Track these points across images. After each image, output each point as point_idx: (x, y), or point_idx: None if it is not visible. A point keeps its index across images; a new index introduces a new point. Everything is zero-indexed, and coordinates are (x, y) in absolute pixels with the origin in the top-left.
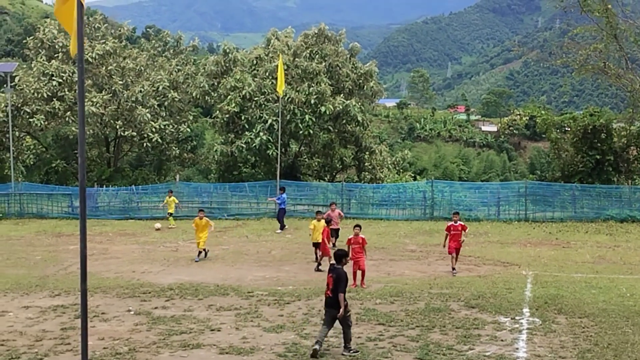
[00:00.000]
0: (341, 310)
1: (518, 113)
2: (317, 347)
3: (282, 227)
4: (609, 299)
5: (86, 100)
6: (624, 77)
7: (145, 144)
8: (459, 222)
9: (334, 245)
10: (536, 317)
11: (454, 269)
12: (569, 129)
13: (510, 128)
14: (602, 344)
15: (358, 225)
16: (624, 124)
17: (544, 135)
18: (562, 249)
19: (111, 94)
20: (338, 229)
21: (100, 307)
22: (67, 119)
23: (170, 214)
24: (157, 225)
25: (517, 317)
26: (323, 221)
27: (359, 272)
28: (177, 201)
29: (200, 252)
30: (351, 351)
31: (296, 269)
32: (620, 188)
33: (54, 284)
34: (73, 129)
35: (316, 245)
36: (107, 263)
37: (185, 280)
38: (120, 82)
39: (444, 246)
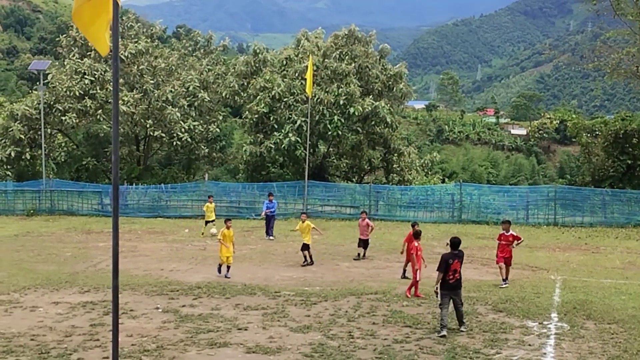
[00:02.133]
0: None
1: (548, 117)
2: (445, 332)
3: (269, 234)
4: (639, 305)
5: None
6: None
7: (174, 143)
8: (510, 232)
9: (362, 256)
10: (564, 322)
11: (504, 280)
12: (600, 134)
13: (540, 132)
14: (631, 350)
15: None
16: None
17: (574, 140)
18: (592, 254)
19: (142, 93)
20: (367, 240)
21: (129, 304)
22: (98, 117)
23: (208, 222)
24: (213, 230)
25: (545, 322)
26: (308, 221)
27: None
28: (214, 208)
29: (229, 267)
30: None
31: (323, 270)
32: None
33: (83, 281)
34: (104, 127)
35: (306, 246)
36: (136, 261)
37: (213, 279)
38: (152, 82)
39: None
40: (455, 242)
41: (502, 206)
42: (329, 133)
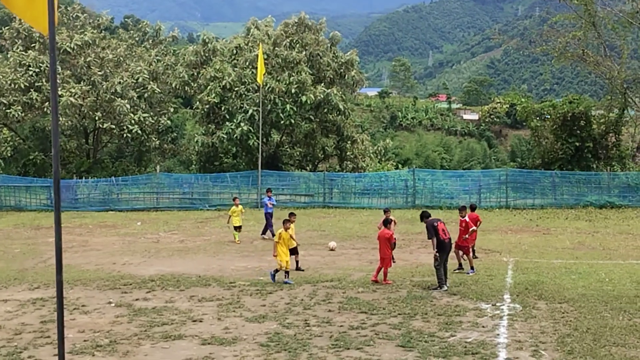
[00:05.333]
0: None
1: (498, 101)
2: (446, 287)
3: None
4: (588, 284)
5: (64, 90)
6: (603, 64)
7: (125, 135)
8: (463, 218)
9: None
10: (517, 303)
11: (460, 265)
12: (549, 117)
13: (491, 116)
14: (581, 328)
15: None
16: (602, 111)
17: (524, 123)
18: (543, 236)
19: (90, 85)
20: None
21: (81, 300)
22: (44, 109)
23: (237, 228)
24: (332, 244)
25: (498, 304)
26: (240, 206)
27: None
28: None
29: (288, 272)
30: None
31: None
32: (599, 175)
33: (33, 277)
34: (51, 120)
35: (237, 227)
36: (87, 255)
37: (167, 271)
38: (99, 73)
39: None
40: (425, 214)
41: (455, 191)
42: (282, 122)
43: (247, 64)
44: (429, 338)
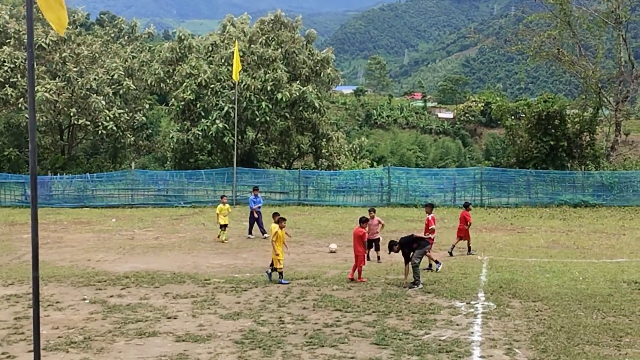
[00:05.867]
0: None
1: (473, 100)
2: (421, 284)
3: (262, 231)
4: (562, 282)
5: (40, 86)
6: (578, 63)
7: (100, 132)
8: (430, 215)
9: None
10: (491, 301)
11: (430, 265)
12: (524, 116)
13: (466, 115)
14: (555, 327)
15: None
16: (577, 110)
17: (499, 122)
18: (517, 234)
19: (65, 81)
20: (378, 239)
21: (55, 296)
22: (19, 105)
23: (223, 227)
24: (333, 246)
25: (472, 302)
26: (228, 205)
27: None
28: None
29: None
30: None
31: (253, 257)
32: (573, 173)
33: (7, 273)
34: (25, 116)
35: (223, 226)
36: (62, 252)
37: (141, 268)
38: (75, 69)
39: None
40: (392, 242)
41: (430, 189)
42: (257, 119)
43: (223, 61)
44: (404, 336)
